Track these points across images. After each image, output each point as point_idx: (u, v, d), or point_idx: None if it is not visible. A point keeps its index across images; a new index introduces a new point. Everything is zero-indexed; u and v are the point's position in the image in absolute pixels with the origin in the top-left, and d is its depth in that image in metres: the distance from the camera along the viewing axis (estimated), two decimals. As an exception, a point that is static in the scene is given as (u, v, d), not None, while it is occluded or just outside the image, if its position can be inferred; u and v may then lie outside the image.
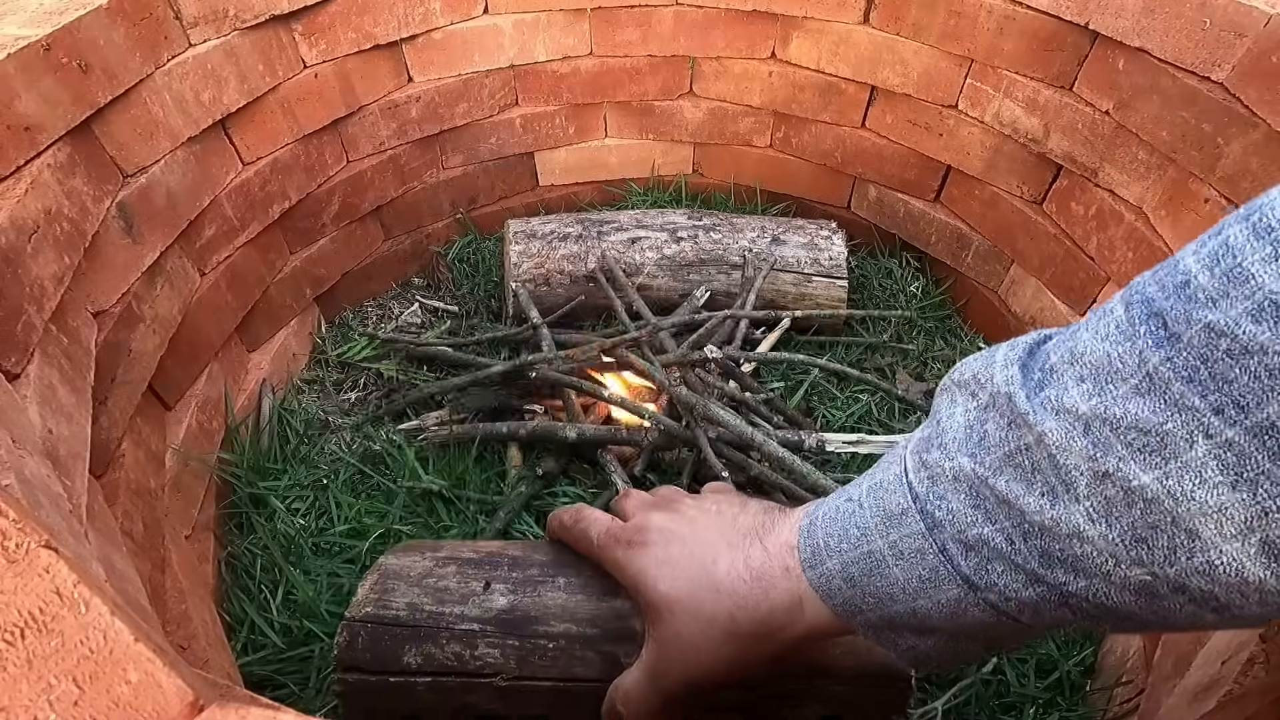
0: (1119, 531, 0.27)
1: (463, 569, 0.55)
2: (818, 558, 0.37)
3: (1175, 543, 0.26)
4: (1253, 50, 0.66)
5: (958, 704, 0.64)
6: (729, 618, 0.39)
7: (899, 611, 0.34)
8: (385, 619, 0.52)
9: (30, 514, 0.32)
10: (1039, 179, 0.92)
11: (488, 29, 1.01)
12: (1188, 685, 0.48)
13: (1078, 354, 0.29)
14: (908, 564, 0.33)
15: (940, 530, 0.32)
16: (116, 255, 0.65)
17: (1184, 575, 0.26)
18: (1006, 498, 0.30)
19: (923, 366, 1.00)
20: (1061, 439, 0.28)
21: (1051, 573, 0.29)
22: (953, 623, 0.33)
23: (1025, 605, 0.30)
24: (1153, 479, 0.25)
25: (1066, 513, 0.28)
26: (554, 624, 0.51)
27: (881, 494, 0.35)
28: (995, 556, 0.30)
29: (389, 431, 0.87)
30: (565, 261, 1.01)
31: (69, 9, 0.60)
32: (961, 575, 0.32)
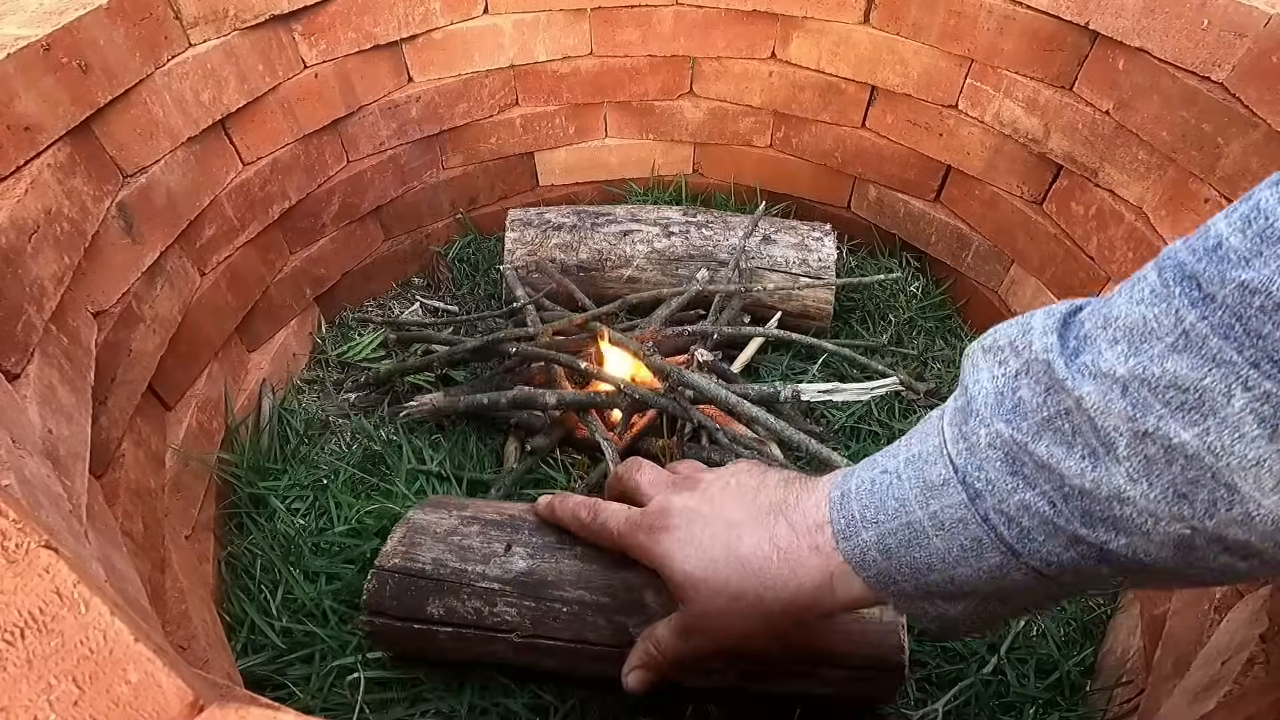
0: (1160, 490, 0.27)
1: (486, 529, 0.58)
2: (852, 529, 0.38)
3: (1215, 497, 0.26)
4: (1253, 50, 0.66)
5: (958, 704, 0.64)
6: (756, 596, 0.40)
7: (935, 580, 0.35)
8: (412, 570, 0.56)
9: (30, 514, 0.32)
10: (1039, 179, 0.92)
11: (488, 29, 1.01)
12: (1188, 685, 0.48)
13: (1112, 318, 0.29)
14: (949, 534, 0.34)
15: (982, 500, 0.33)
16: (116, 255, 0.65)
17: (1222, 528, 0.27)
18: (1047, 462, 0.30)
19: (922, 366, 1.00)
20: (1100, 401, 0.28)
21: (1093, 532, 0.30)
22: (991, 587, 0.34)
23: (1066, 566, 0.31)
24: (1192, 435, 0.26)
25: (1107, 474, 0.28)
26: (569, 590, 0.54)
27: (921, 465, 0.36)
28: (1038, 522, 0.31)
29: (388, 431, 0.87)
30: (557, 250, 1.02)
31: (69, 9, 0.60)
32: (1005, 543, 0.32)
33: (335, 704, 0.62)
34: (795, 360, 0.97)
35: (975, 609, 0.36)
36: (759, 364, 0.96)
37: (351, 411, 0.92)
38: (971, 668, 0.66)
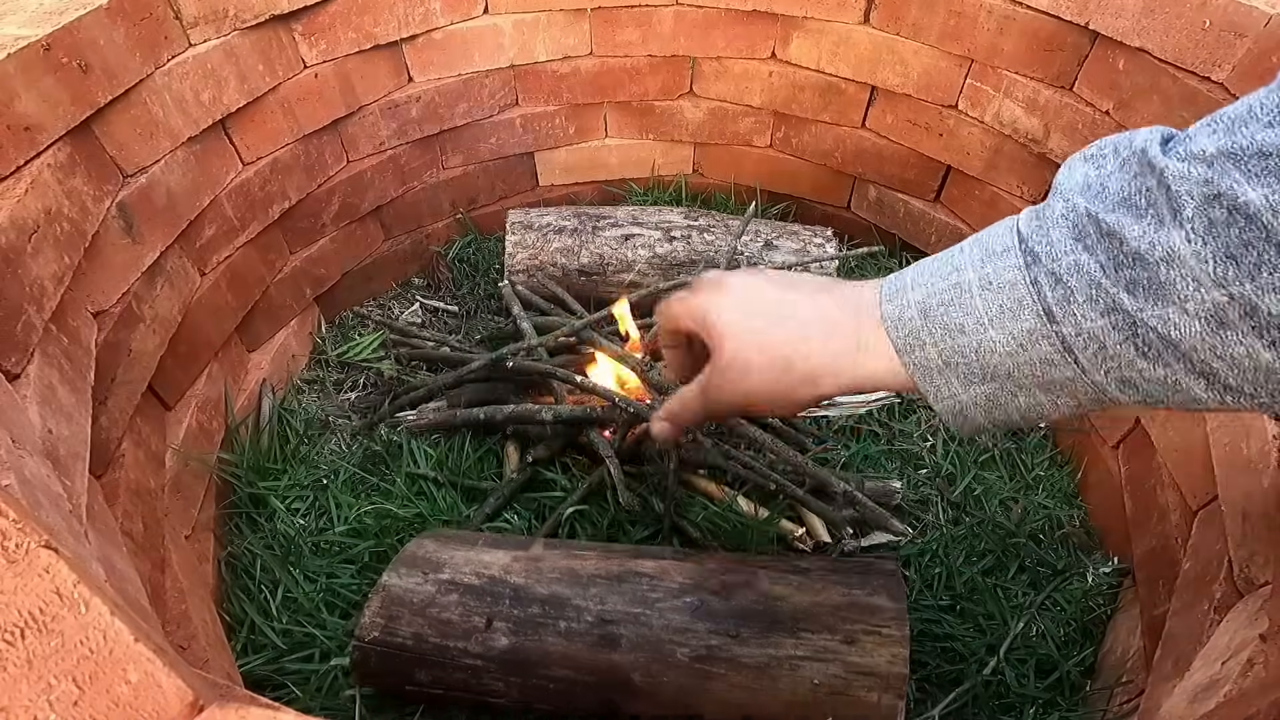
0: (1212, 249, 0.29)
1: (464, 599, 0.57)
2: (900, 292, 0.39)
3: (1263, 259, 0.27)
4: (1253, 50, 0.66)
5: (958, 705, 0.64)
6: (790, 348, 0.41)
7: (963, 345, 0.36)
8: (393, 645, 0.56)
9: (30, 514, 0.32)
10: (1039, 179, 0.92)
11: (488, 29, 1.01)
12: (1188, 685, 0.48)
13: (1219, 116, 0.31)
14: (993, 294, 0.35)
15: (1037, 264, 0.34)
16: (116, 255, 0.65)
17: (1259, 294, 0.28)
18: (1113, 229, 0.32)
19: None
20: (1182, 169, 0.30)
21: (1133, 298, 0.31)
22: (1012, 360, 0.35)
23: (1093, 338, 0.32)
24: (1259, 195, 0.27)
25: (1167, 236, 0.30)
26: (555, 669, 0.54)
27: (986, 238, 0.37)
28: (1082, 284, 0.32)
29: (388, 432, 0.87)
30: (558, 254, 1.02)
31: (69, 9, 0.60)
32: (1044, 305, 0.33)
33: (335, 704, 0.62)
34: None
35: (987, 398, 0.37)
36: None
37: (352, 412, 0.92)
38: (971, 668, 0.66)
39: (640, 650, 0.53)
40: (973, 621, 0.70)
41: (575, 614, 0.55)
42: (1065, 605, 0.71)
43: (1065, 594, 0.72)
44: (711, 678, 0.53)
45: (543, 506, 0.80)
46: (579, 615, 0.55)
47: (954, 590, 0.72)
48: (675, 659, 0.53)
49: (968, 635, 0.69)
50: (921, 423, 0.91)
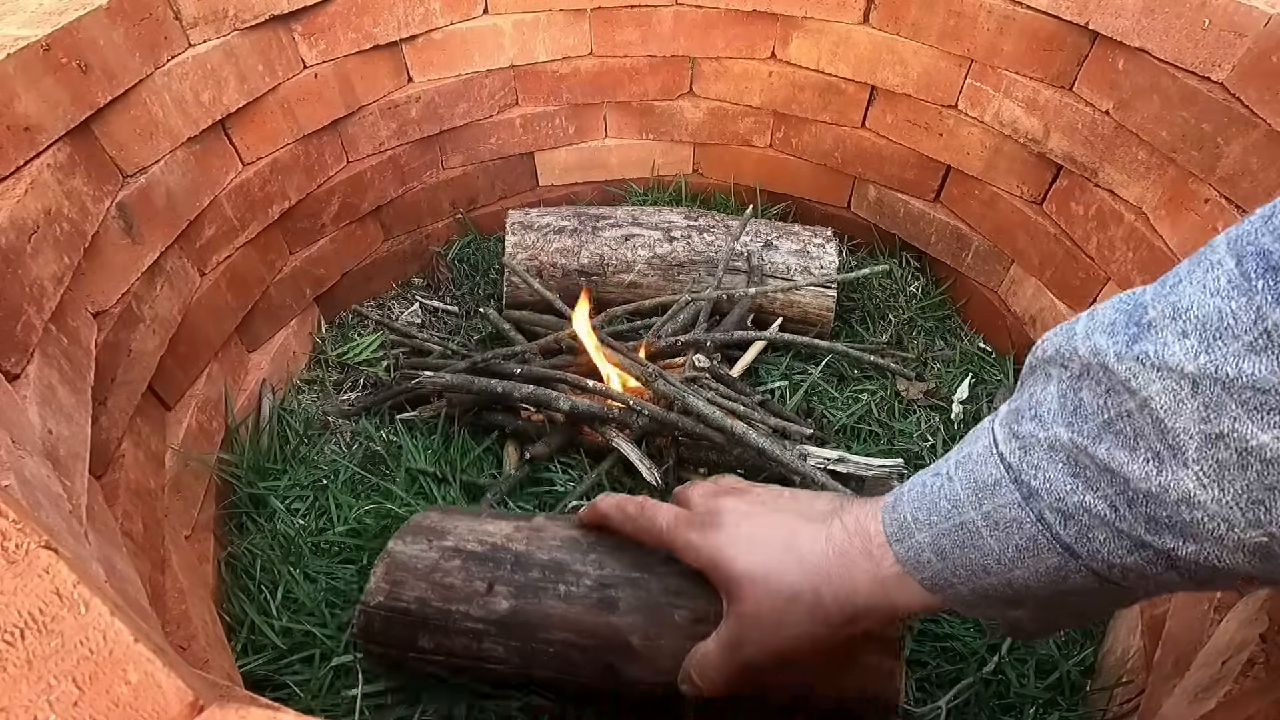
0: (1233, 495, 0.26)
1: (467, 564, 0.57)
2: (905, 531, 0.37)
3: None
4: (1253, 50, 0.66)
5: (958, 704, 0.64)
6: (814, 592, 0.39)
7: (993, 584, 0.34)
8: (397, 609, 0.57)
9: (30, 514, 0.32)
10: (1039, 179, 0.92)
11: (488, 29, 1.01)
12: (1188, 685, 0.48)
13: (1181, 309, 0.27)
14: (1003, 534, 0.33)
15: (1037, 499, 0.32)
16: (116, 255, 0.65)
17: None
18: (1108, 465, 0.29)
19: (922, 367, 1.00)
20: (1169, 401, 0.27)
21: (1159, 538, 0.28)
22: (1052, 590, 0.33)
23: (1130, 570, 0.30)
24: (1271, 438, 0.25)
25: (1174, 479, 0.27)
26: (554, 632, 0.54)
27: (971, 466, 0.35)
28: (1097, 524, 0.30)
29: (387, 432, 0.87)
30: (558, 254, 1.02)
31: (69, 9, 0.60)
32: (1062, 544, 0.31)
33: (335, 704, 0.62)
34: (795, 360, 0.97)
35: (1036, 613, 0.35)
36: (759, 364, 0.96)
37: (351, 410, 0.92)
38: (972, 667, 0.66)
39: (638, 612, 0.53)
40: (973, 621, 0.70)
41: (574, 578, 0.55)
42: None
43: (1065, 594, 0.72)
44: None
45: (543, 503, 0.80)
46: (578, 580, 0.55)
47: (954, 590, 0.72)
48: (673, 620, 0.53)
49: (968, 635, 0.69)
50: (921, 423, 0.91)
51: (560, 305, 0.96)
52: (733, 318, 0.96)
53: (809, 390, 0.93)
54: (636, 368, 0.84)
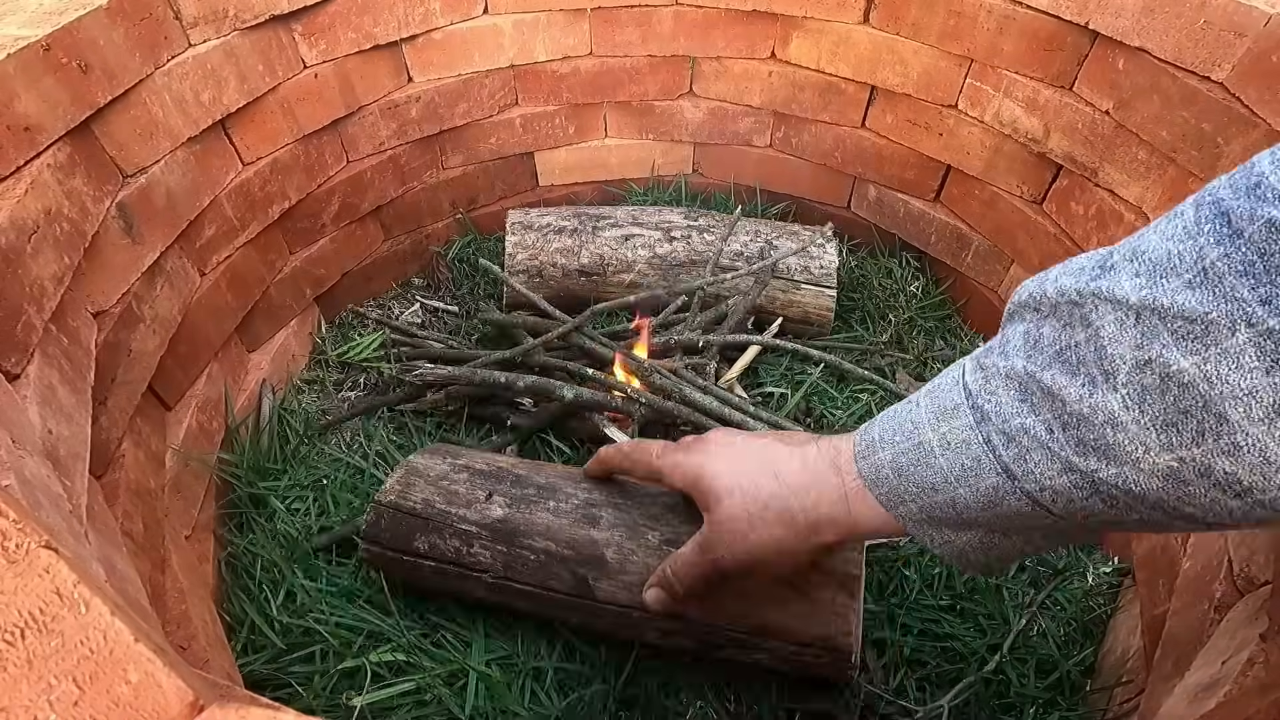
0: (1151, 416, 0.28)
1: (473, 477, 0.64)
2: (871, 450, 0.41)
3: (1204, 426, 0.27)
4: (1253, 50, 0.66)
5: (958, 704, 0.64)
6: (784, 503, 0.43)
7: (940, 501, 0.37)
8: (404, 508, 0.63)
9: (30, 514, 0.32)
10: (1039, 179, 0.92)
11: (488, 29, 1.01)
12: (1188, 685, 0.48)
13: (1140, 251, 0.30)
14: (953, 454, 0.36)
15: (987, 423, 0.35)
16: (116, 255, 0.65)
17: (1210, 457, 0.27)
18: (1051, 389, 0.32)
19: (922, 366, 1.00)
20: (1115, 330, 0.29)
21: (1085, 460, 0.31)
22: (989, 513, 0.36)
23: (1059, 494, 0.32)
24: (1191, 364, 0.27)
25: (1104, 399, 0.30)
26: (537, 540, 0.60)
27: (937, 394, 0.38)
28: (1035, 446, 0.33)
29: (387, 431, 0.87)
30: (558, 254, 1.02)
31: (69, 9, 0.60)
32: (1002, 464, 0.34)
33: (335, 704, 0.62)
34: (795, 361, 0.97)
35: (981, 540, 0.38)
36: (758, 364, 0.96)
37: (353, 411, 0.92)
38: (972, 667, 0.66)
39: (616, 529, 0.59)
40: (973, 621, 0.70)
41: (564, 497, 0.62)
42: (1065, 605, 0.71)
43: (1065, 593, 0.72)
44: None
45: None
46: (568, 499, 0.61)
47: (954, 590, 0.72)
48: (646, 540, 0.58)
49: (968, 635, 0.69)
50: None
51: (548, 308, 0.96)
52: (733, 318, 0.96)
53: (809, 391, 0.93)
54: (632, 363, 0.84)
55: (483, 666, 0.62)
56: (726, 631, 0.57)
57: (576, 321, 0.89)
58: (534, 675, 0.63)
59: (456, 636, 0.66)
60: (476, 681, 0.62)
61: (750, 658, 0.58)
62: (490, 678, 0.62)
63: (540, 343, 0.88)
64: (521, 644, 0.65)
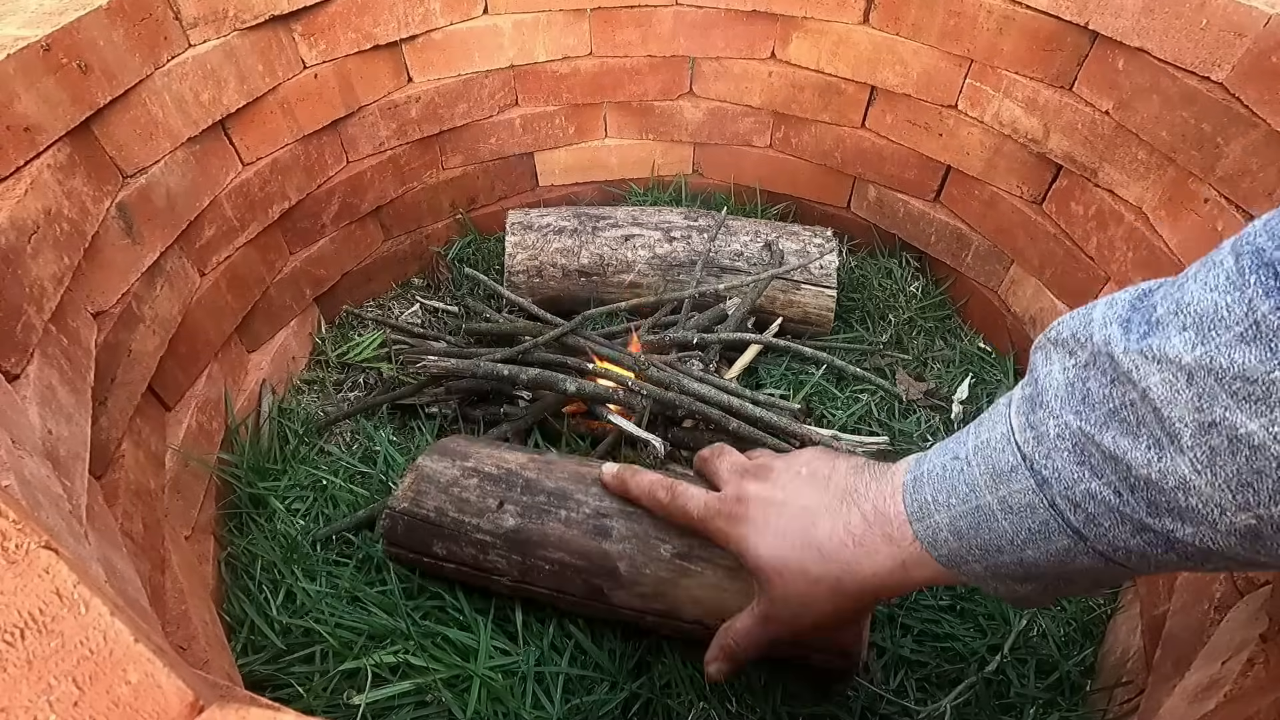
0: (1224, 479, 0.28)
1: (483, 483, 0.65)
2: (925, 512, 0.40)
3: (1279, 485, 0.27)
4: (1253, 50, 0.66)
5: (958, 704, 0.64)
6: (835, 580, 0.43)
7: (1006, 562, 0.37)
8: (418, 515, 0.64)
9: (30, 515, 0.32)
10: (1039, 179, 0.92)
11: (487, 29, 1.01)
12: (1188, 685, 0.48)
13: (1184, 304, 0.29)
14: (1017, 518, 0.35)
15: (1049, 487, 0.34)
16: (116, 255, 0.65)
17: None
18: (1113, 453, 0.31)
19: (922, 366, 1.00)
20: (1166, 392, 0.29)
21: (1159, 521, 0.30)
22: (1060, 569, 0.35)
23: (1133, 552, 0.32)
24: (1259, 426, 0.26)
25: (1173, 464, 0.29)
26: (551, 551, 0.61)
27: (989, 453, 0.37)
28: (1103, 511, 0.32)
29: (387, 431, 0.87)
30: (558, 255, 1.02)
31: (69, 9, 0.60)
32: (1071, 528, 0.33)
33: (336, 704, 0.62)
34: (795, 361, 0.97)
35: (1046, 588, 0.38)
36: (758, 364, 0.96)
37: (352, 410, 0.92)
38: (972, 668, 0.66)
39: (628, 542, 0.59)
40: (973, 621, 0.70)
41: (575, 506, 0.61)
42: (1065, 605, 0.71)
43: (1065, 594, 0.72)
44: (688, 574, 0.58)
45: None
46: (578, 507, 0.61)
47: (954, 590, 0.72)
48: (658, 553, 0.58)
49: (968, 635, 0.69)
50: (921, 423, 0.91)
51: (538, 312, 0.96)
52: (733, 319, 0.96)
53: (809, 390, 0.93)
54: (628, 359, 0.84)
55: (487, 671, 0.62)
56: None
57: (569, 325, 0.88)
58: (536, 679, 0.63)
59: (460, 638, 0.66)
60: (479, 686, 0.62)
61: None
62: (494, 682, 0.62)
63: (538, 343, 0.88)
64: (522, 642, 0.65)
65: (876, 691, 0.64)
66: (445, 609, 0.68)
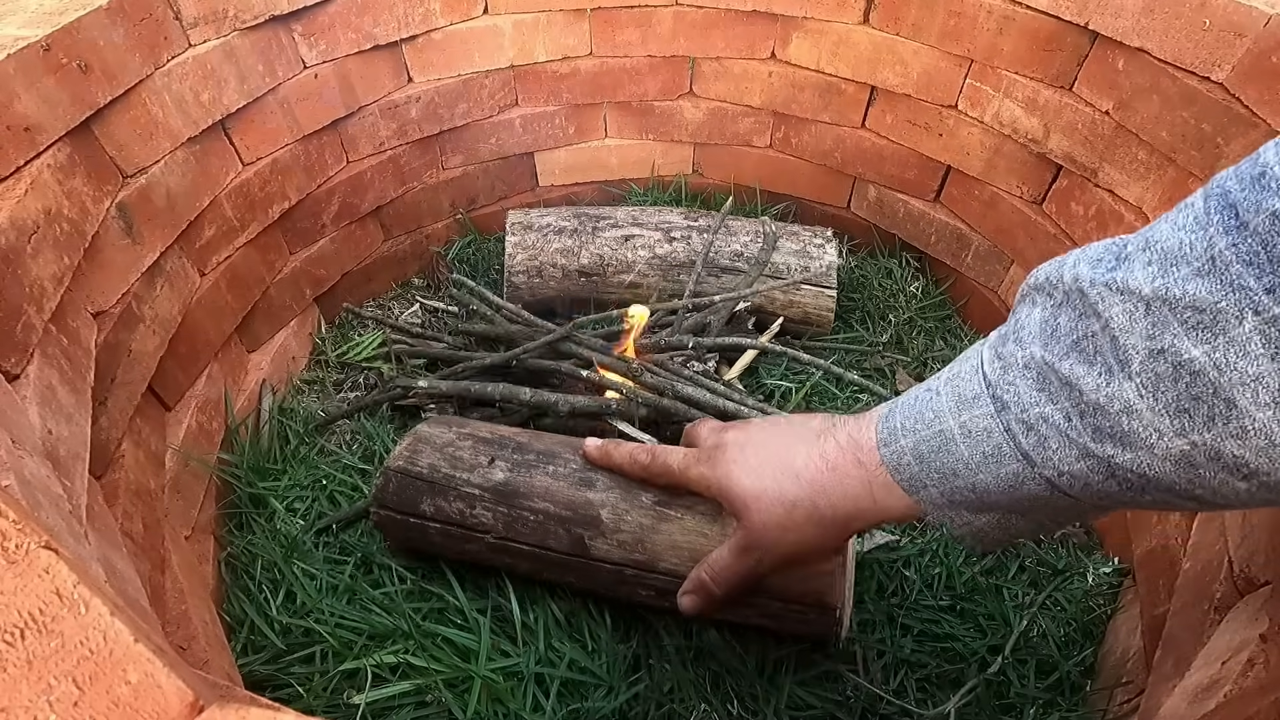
0: (1164, 403, 0.30)
1: (477, 444, 0.67)
2: (893, 437, 0.42)
3: (1214, 412, 0.28)
4: (1253, 50, 0.66)
5: (958, 704, 0.64)
6: (811, 504, 0.44)
7: (960, 486, 0.39)
8: (411, 472, 0.66)
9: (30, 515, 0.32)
10: (1039, 179, 0.92)
11: (487, 29, 1.01)
12: (1188, 685, 0.48)
13: (1152, 241, 0.31)
14: (974, 441, 0.37)
15: (1006, 411, 0.36)
16: (116, 255, 0.65)
17: (1219, 441, 0.29)
18: (1069, 379, 0.33)
19: (922, 367, 1.00)
20: (1125, 321, 0.31)
21: (1102, 446, 0.32)
22: (1009, 496, 0.37)
23: (1076, 478, 0.34)
24: (1201, 353, 0.28)
25: (1119, 389, 0.31)
26: (536, 501, 0.63)
27: (957, 383, 0.40)
28: (1053, 434, 0.34)
29: (386, 432, 0.87)
30: (558, 255, 1.02)
31: (69, 9, 0.60)
32: (1021, 451, 0.35)
33: (336, 704, 0.62)
34: (795, 361, 0.97)
35: (998, 521, 0.39)
36: (759, 364, 0.96)
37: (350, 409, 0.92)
38: (972, 668, 0.66)
39: (611, 490, 0.61)
40: (973, 621, 0.70)
41: (563, 463, 0.64)
42: (1065, 605, 0.71)
43: (1065, 594, 0.72)
44: (668, 519, 0.59)
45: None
46: (566, 464, 0.64)
47: (954, 590, 0.72)
48: (640, 500, 0.60)
49: (968, 635, 0.69)
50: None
51: (530, 318, 0.95)
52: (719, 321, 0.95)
53: (809, 391, 0.93)
54: (620, 364, 0.84)
55: (488, 672, 0.62)
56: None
57: (561, 333, 0.88)
58: (537, 680, 0.63)
59: (460, 639, 0.66)
60: (480, 687, 0.62)
61: (740, 616, 0.61)
62: (495, 683, 0.62)
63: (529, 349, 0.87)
64: (522, 643, 0.65)
65: (876, 691, 0.64)
66: (446, 610, 0.68)
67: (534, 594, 0.68)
